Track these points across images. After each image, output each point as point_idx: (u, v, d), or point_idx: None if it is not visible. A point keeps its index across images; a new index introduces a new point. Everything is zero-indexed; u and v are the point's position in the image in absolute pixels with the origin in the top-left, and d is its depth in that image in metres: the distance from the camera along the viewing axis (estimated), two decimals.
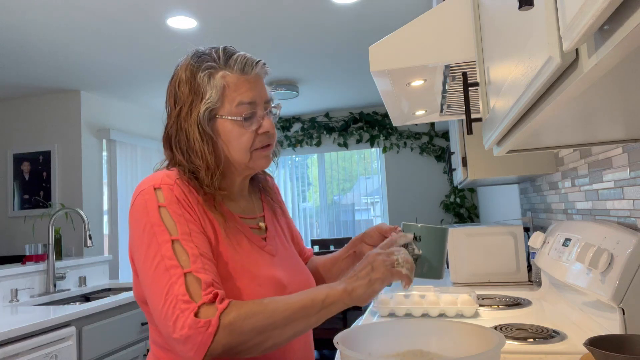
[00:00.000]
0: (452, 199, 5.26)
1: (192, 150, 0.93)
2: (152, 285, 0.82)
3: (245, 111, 0.93)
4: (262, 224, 1.04)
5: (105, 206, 4.60)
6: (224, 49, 0.96)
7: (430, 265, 1.00)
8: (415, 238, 1.01)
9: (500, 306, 1.66)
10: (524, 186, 2.64)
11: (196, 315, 0.77)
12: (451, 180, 5.17)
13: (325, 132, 5.66)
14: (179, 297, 0.79)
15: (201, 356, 0.77)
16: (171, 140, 0.96)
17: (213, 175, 0.93)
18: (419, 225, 1.01)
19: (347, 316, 3.56)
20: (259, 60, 0.97)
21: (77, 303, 2.79)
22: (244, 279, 0.91)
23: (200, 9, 2.87)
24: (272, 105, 1.00)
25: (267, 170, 1.11)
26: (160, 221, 0.85)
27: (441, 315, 1.57)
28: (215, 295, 0.80)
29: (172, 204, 0.87)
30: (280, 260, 1.01)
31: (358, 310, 3.71)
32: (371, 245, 1.12)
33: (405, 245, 1.01)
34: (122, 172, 4.72)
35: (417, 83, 1.34)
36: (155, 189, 0.88)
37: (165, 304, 0.80)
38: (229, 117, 0.93)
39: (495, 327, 1.35)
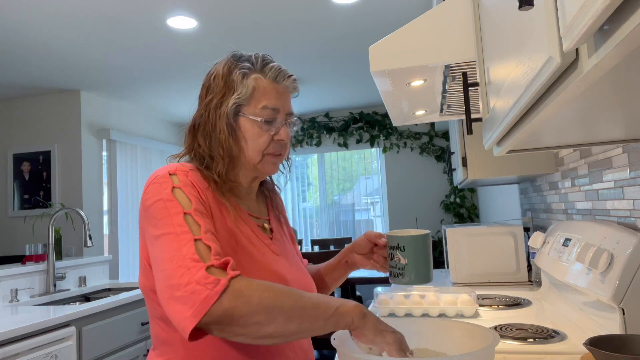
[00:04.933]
0: (452, 199, 5.26)
1: (216, 139, 0.98)
2: (161, 252, 0.82)
3: (267, 115, 0.98)
4: (267, 225, 1.07)
5: (105, 206, 4.60)
6: (263, 56, 1.02)
7: (417, 272, 1.01)
8: (398, 248, 1.02)
9: (500, 306, 1.66)
10: (524, 186, 2.64)
11: (206, 271, 0.77)
12: (451, 180, 5.18)
13: (325, 132, 5.66)
14: (187, 256, 0.78)
15: (200, 316, 0.73)
16: (197, 128, 1.00)
17: (227, 165, 0.98)
18: (400, 235, 1.02)
19: None
20: (291, 75, 1.03)
21: (77, 303, 2.79)
22: (248, 269, 0.92)
23: (200, 9, 2.86)
24: (292, 119, 1.04)
25: (276, 184, 1.17)
26: (174, 198, 0.87)
27: (441, 315, 1.57)
28: (227, 263, 0.79)
29: (186, 186, 0.90)
30: (284, 260, 1.03)
31: None
32: (362, 254, 1.14)
33: (392, 256, 1.03)
34: (122, 172, 4.72)
35: (417, 83, 1.34)
36: (170, 174, 0.92)
37: (172, 263, 0.79)
38: (251, 117, 0.98)
39: (495, 327, 1.35)
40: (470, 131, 1.01)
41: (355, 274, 3.60)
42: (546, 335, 1.25)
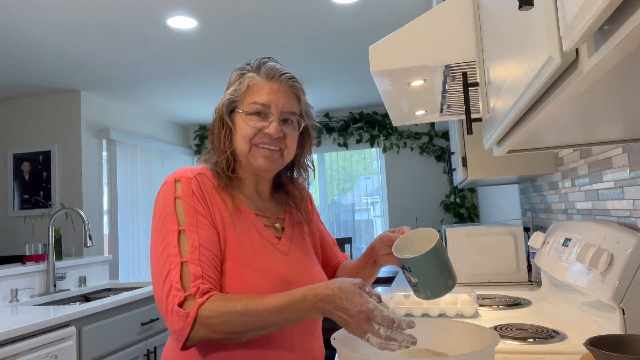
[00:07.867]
0: (452, 199, 5.26)
1: (214, 136, 1.06)
2: (156, 267, 0.94)
3: (255, 109, 1.02)
4: (277, 225, 1.09)
5: (105, 206, 4.60)
6: (263, 58, 1.08)
7: (432, 288, 0.95)
8: (405, 268, 0.95)
9: (500, 306, 1.66)
10: (524, 186, 2.64)
11: (180, 304, 0.88)
12: (451, 180, 5.17)
13: (325, 132, 5.66)
14: (173, 284, 0.90)
15: (182, 340, 0.87)
16: (211, 128, 1.09)
17: (228, 159, 1.04)
18: (405, 257, 0.94)
19: None
20: (286, 73, 1.06)
21: (77, 303, 2.79)
22: (248, 270, 0.97)
23: (200, 9, 2.87)
24: (293, 118, 1.05)
25: (305, 184, 1.19)
26: (174, 211, 0.97)
27: (441, 315, 1.57)
28: (198, 289, 0.89)
29: (186, 196, 0.98)
30: (292, 260, 1.05)
31: None
32: (385, 254, 1.10)
33: (404, 273, 0.97)
34: (122, 172, 4.72)
35: (417, 83, 1.34)
36: (175, 181, 1.00)
37: (164, 287, 0.91)
38: (241, 111, 1.04)
39: (495, 327, 1.35)
40: (470, 131, 1.01)
41: None
42: (546, 335, 1.25)
